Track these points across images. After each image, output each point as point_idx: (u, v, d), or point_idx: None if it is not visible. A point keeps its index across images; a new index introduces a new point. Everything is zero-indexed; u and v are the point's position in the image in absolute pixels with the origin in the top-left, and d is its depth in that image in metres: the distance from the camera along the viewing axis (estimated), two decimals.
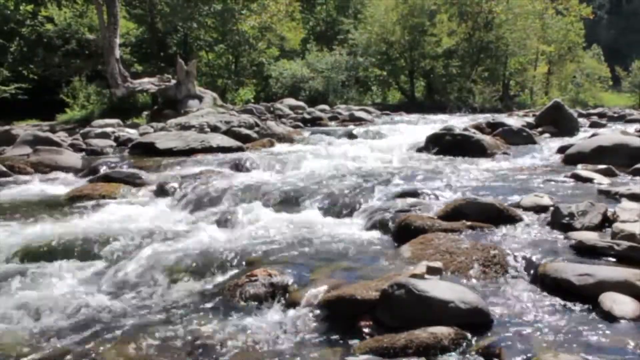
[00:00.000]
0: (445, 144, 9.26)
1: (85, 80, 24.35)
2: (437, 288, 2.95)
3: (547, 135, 11.44)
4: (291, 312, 3.27)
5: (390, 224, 4.79)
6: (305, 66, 32.86)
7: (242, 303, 3.46)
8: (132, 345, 2.99)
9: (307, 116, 18.31)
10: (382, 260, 3.99)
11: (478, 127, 11.46)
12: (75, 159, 10.03)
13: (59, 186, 7.93)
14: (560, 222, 4.32)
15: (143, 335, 3.08)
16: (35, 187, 7.98)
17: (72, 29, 26.41)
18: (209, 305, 3.51)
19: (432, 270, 3.25)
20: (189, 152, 10.29)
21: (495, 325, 2.89)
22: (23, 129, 16.03)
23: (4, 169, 8.92)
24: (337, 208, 5.59)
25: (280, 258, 4.11)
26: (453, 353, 2.65)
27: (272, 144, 11.44)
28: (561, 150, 8.52)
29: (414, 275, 3.13)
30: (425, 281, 3.04)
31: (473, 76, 35.26)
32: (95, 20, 25.01)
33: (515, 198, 5.26)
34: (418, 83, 36.98)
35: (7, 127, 17.22)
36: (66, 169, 9.33)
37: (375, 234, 4.74)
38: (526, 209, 4.88)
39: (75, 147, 11.92)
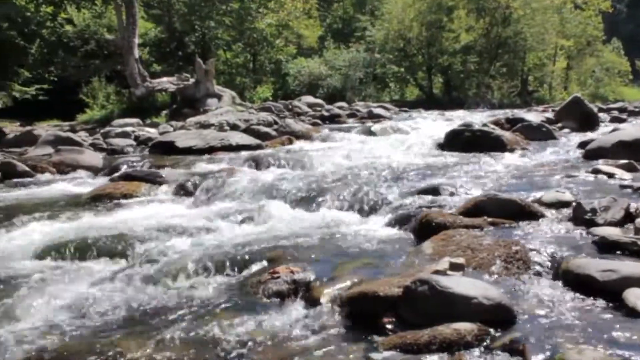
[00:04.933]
0: (464, 140, 9.21)
1: (104, 81, 24.53)
2: (460, 284, 2.94)
3: (567, 130, 11.35)
4: (313, 309, 3.28)
5: (411, 220, 4.78)
6: (323, 64, 32.85)
7: (265, 300, 3.48)
8: (156, 340, 3.01)
9: (325, 113, 18.29)
10: (403, 256, 3.99)
11: (497, 123, 11.40)
12: (96, 158, 10.12)
13: (81, 185, 8.03)
14: (582, 217, 4.30)
15: (166, 331, 3.11)
16: (57, 186, 8.07)
17: (91, 30, 26.61)
18: (231, 302, 3.52)
19: (454, 267, 3.25)
20: (209, 150, 10.34)
21: (518, 321, 2.88)
22: (44, 129, 16.21)
23: (27, 168, 9.03)
24: (358, 205, 5.60)
25: (301, 255, 4.13)
26: (476, 349, 2.65)
27: (291, 142, 11.45)
28: (582, 145, 8.45)
29: (437, 272, 3.14)
30: (448, 277, 3.04)
31: (491, 72, 35.07)
32: (113, 21, 25.18)
33: (536, 194, 5.22)
34: (436, 79, 36.85)
35: (29, 128, 17.44)
36: (87, 169, 9.43)
37: (396, 231, 4.74)
38: (547, 205, 4.84)
39: (96, 147, 12.04)
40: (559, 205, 4.80)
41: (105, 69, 26.20)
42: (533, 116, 12.79)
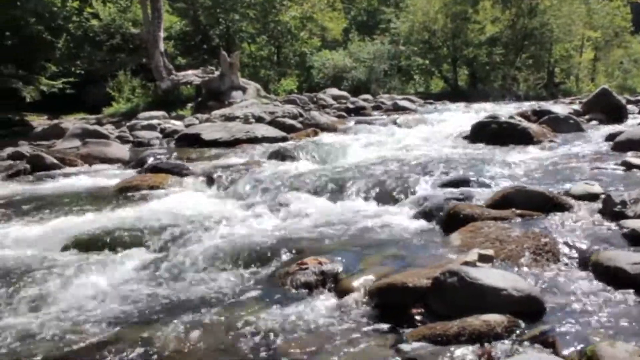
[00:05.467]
0: (490, 133, 9.14)
1: (130, 74, 24.66)
2: (490, 276, 2.93)
3: (594, 122, 11.20)
4: (342, 300, 3.29)
5: (438, 212, 4.76)
6: (347, 56, 32.74)
7: (293, 291, 3.50)
8: (183, 331, 3.04)
9: (350, 106, 18.22)
10: (431, 248, 3.99)
11: (523, 115, 11.28)
12: (123, 151, 10.21)
13: (109, 177, 8.09)
14: (611, 210, 4.25)
15: (195, 322, 3.14)
16: (85, 178, 8.15)
17: (116, 24, 26.75)
18: (259, 293, 3.54)
19: (483, 258, 3.24)
20: (234, 142, 10.36)
21: (548, 313, 2.86)
22: (71, 122, 16.35)
23: (55, 161, 9.12)
24: (384, 197, 5.59)
25: (329, 246, 4.14)
26: (506, 341, 2.64)
27: (316, 134, 11.43)
28: (610, 137, 8.35)
29: (466, 263, 3.13)
30: (477, 269, 3.03)
31: (517, 64, 34.69)
32: (138, 15, 25.29)
33: (565, 186, 5.18)
34: (461, 71, 36.54)
35: (56, 121, 17.62)
36: (114, 161, 9.52)
37: (423, 223, 4.73)
38: (576, 197, 4.80)
39: (122, 140, 12.13)
40: (587, 197, 4.76)
41: (131, 62, 26.33)
42: (560, 108, 12.65)
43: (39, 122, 20.68)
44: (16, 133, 16.82)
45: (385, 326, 2.96)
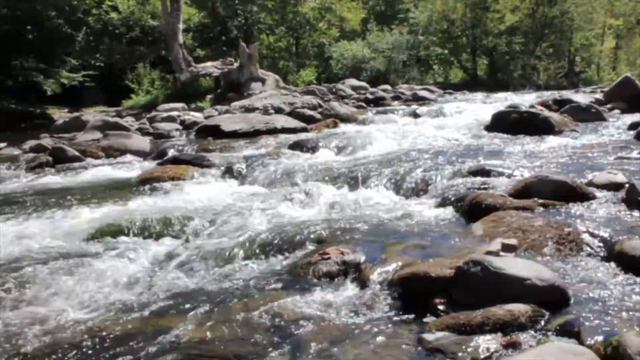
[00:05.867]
0: (511, 122, 9.08)
1: (149, 67, 24.79)
2: (513, 265, 2.92)
3: (617, 111, 11.09)
4: (364, 290, 3.29)
5: (460, 202, 4.75)
6: (366, 46, 32.67)
7: (315, 280, 3.50)
8: (205, 320, 3.06)
9: (369, 96, 18.19)
10: (453, 238, 3.97)
11: (544, 105, 11.20)
12: (143, 142, 10.26)
13: (130, 169, 8.15)
14: (635, 199, 4.21)
15: (216, 311, 3.16)
16: (106, 170, 8.21)
17: (135, 17, 26.86)
18: (281, 282, 3.55)
19: (507, 248, 3.22)
20: (254, 133, 10.38)
21: (572, 303, 2.84)
22: (92, 115, 16.45)
23: (77, 153, 9.18)
24: (405, 187, 5.58)
25: (350, 236, 4.14)
26: (531, 331, 2.63)
27: (336, 125, 11.42)
28: (633, 126, 8.27)
29: (489, 253, 3.11)
30: (500, 258, 3.01)
31: (537, 53, 34.40)
32: (157, 7, 25.39)
33: (587, 175, 5.14)
34: (480, 61, 36.28)
35: (76, 114, 17.75)
36: (135, 153, 9.56)
37: (445, 212, 4.72)
38: (599, 186, 4.76)
39: (142, 131, 12.19)
40: (611, 186, 4.72)
41: (150, 55, 26.48)
42: (581, 97, 12.54)
43: (60, 115, 20.85)
44: (37, 126, 16.98)
45: (407, 316, 2.96)
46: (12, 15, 20.26)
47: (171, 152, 8.63)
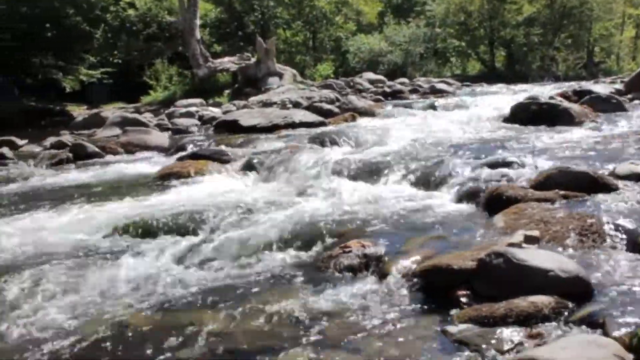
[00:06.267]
0: (530, 114, 9.02)
1: (166, 63, 24.89)
2: (536, 257, 2.90)
3: (637, 102, 10.95)
4: (386, 283, 3.29)
5: (479, 194, 4.73)
6: (383, 40, 32.60)
7: (337, 274, 3.51)
8: (228, 314, 3.08)
9: (387, 90, 18.15)
10: (474, 230, 3.96)
11: (564, 96, 11.10)
12: (162, 138, 10.31)
13: (149, 165, 8.19)
14: None
15: (239, 306, 3.17)
16: (126, 166, 8.27)
17: (152, 13, 26.93)
18: (303, 276, 3.56)
19: (529, 239, 3.21)
20: (272, 128, 10.38)
21: (596, 294, 2.82)
22: (110, 111, 16.55)
23: (97, 149, 9.26)
24: (425, 180, 5.56)
25: (371, 229, 4.14)
26: (554, 322, 2.62)
27: (354, 118, 11.39)
28: None
29: (511, 244, 3.10)
30: (523, 250, 3.00)
31: (555, 44, 34.15)
32: (174, 3, 25.45)
33: (609, 166, 5.09)
34: (498, 53, 36.08)
35: (95, 111, 17.86)
36: (154, 148, 9.63)
37: (465, 205, 4.71)
38: (621, 177, 4.71)
39: (161, 127, 12.24)
40: (633, 177, 4.67)
41: (167, 51, 26.57)
42: (601, 88, 12.42)
43: (79, 112, 20.99)
44: (57, 123, 17.11)
45: (430, 308, 2.96)
46: (31, 13, 20.41)
47: (190, 148, 8.66)
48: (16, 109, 18.12)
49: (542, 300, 2.68)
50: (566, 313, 2.67)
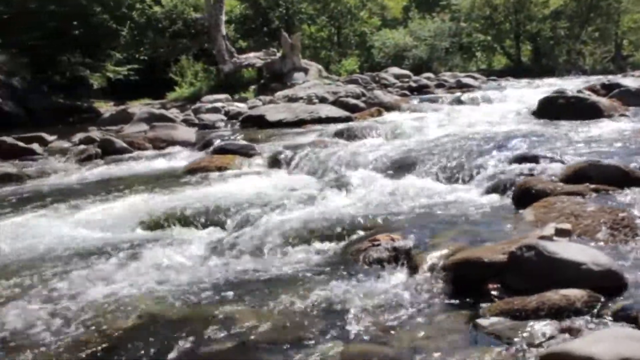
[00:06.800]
0: (558, 108, 8.95)
1: (192, 59, 24.99)
2: (568, 250, 2.88)
3: None
4: (416, 276, 3.29)
5: (508, 188, 4.72)
6: (408, 35, 32.47)
7: (366, 267, 3.51)
8: (257, 306, 3.10)
9: (413, 84, 18.12)
10: (503, 224, 3.94)
11: (592, 90, 10.99)
12: (189, 133, 10.38)
13: (176, 160, 8.28)
14: None
15: (268, 298, 3.18)
16: (154, 161, 8.37)
17: (178, 10, 27.04)
18: (332, 269, 3.57)
19: (560, 232, 3.18)
20: (299, 123, 10.43)
21: (629, 288, 2.79)
22: (137, 108, 16.68)
23: (125, 145, 9.36)
24: (453, 173, 5.54)
25: (399, 223, 4.14)
26: (587, 316, 2.59)
27: (380, 113, 11.39)
28: None
29: (543, 237, 3.08)
30: (555, 243, 2.98)
31: (583, 37, 33.78)
32: (199, 0, 25.55)
33: None
34: (524, 47, 35.78)
35: (123, 107, 18.00)
36: (181, 144, 9.69)
37: (494, 199, 4.69)
38: None
39: (188, 123, 12.34)
40: None
41: (193, 47, 26.68)
42: (630, 81, 12.24)
43: (106, 108, 21.16)
44: (85, 119, 17.29)
45: (460, 301, 2.95)
46: (59, 11, 20.59)
47: (217, 142, 8.70)
48: (45, 105, 18.30)
49: (575, 293, 2.66)
50: (599, 307, 2.64)
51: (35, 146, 9.60)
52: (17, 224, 5.01)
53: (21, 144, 9.53)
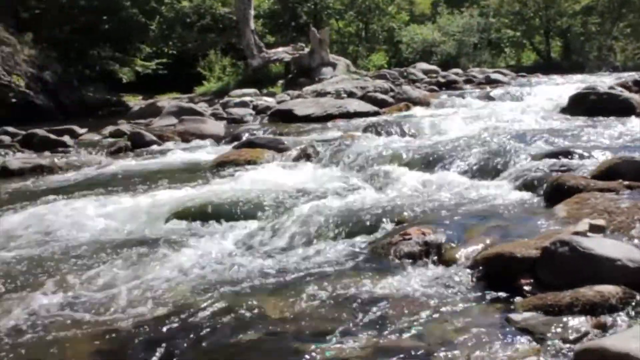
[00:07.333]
0: (589, 104, 8.86)
1: (220, 54, 25.12)
2: (603, 246, 2.85)
3: None
4: (447, 270, 3.28)
5: (540, 184, 4.68)
6: (436, 30, 32.30)
7: (397, 261, 3.50)
8: (288, 298, 3.11)
9: (441, 80, 18.00)
10: (535, 220, 3.90)
11: (624, 86, 10.86)
12: (218, 127, 10.43)
13: (206, 153, 8.32)
14: None
15: (298, 290, 3.19)
16: (183, 154, 8.41)
17: (206, 5, 27.23)
18: (362, 262, 3.57)
19: (594, 228, 3.15)
20: (327, 117, 10.43)
21: None
22: (166, 101, 16.81)
23: (154, 138, 9.44)
24: (483, 169, 5.51)
25: (430, 217, 4.12)
26: (621, 313, 2.56)
27: (408, 108, 11.35)
28: None
29: (576, 233, 3.05)
30: (589, 239, 2.95)
31: (614, 33, 33.34)
32: None
33: None
34: (554, 43, 35.40)
35: (151, 101, 18.15)
36: (210, 137, 9.75)
37: (525, 195, 4.65)
38: None
39: (216, 116, 12.40)
40: None
41: (221, 42, 26.84)
42: None
43: (135, 102, 21.35)
44: (114, 113, 17.46)
45: (492, 296, 2.93)
46: (89, 6, 20.85)
47: (245, 136, 8.74)
48: (75, 99, 18.53)
49: (609, 289, 2.63)
50: (634, 303, 2.61)
51: (66, 138, 9.72)
52: (48, 215, 5.06)
53: (53, 136, 9.66)
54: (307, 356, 2.51)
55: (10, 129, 10.76)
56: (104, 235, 4.50)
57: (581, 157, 5.40)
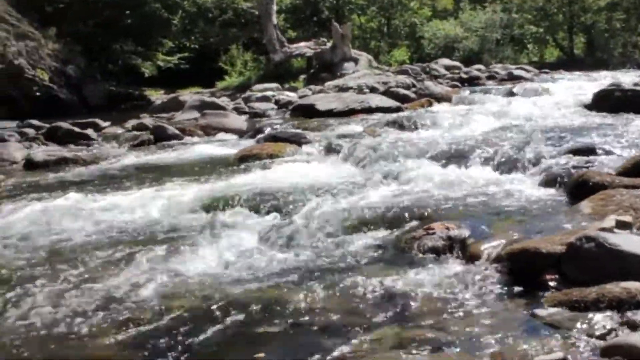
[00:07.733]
0: (614, 101, 8.76)
1: (241, 48, 25.15)
2: (630, 242, 2.84)
3: None
4: (471, 265, 3.28)
5: (565, 180, 4.65)
6: (459, 26, 32.11)
7: (420, 255, 3.50)
8: (312, 291, 3.12)
9: (463, 76, 17.93)
10: (559, 215, 3.89)
11: None
12: (240, 121, 10.47)
13: (228, 147, 8.33)
14: None
15: (322, 284, 3.20)
16: (205, 148, 8.43)
17: (228, 0, 27.27)
18: (386, 257, 3.59)
19: (621, 225, 3.12)
20: (349, 112, 10.42)
21: None
22: (188, 96, 16.87)
23: (177, 131, 9.47)
24: (507, 165, 5.48)
25: (453, 212, 4.12)
26: None
27: (430, 104, 11.31)
28: None
29: (603, 229, 3.03)
30: (616, 235, 2.93)
31: (639, 29, 32.99)
32: None
33: None
34: (577, 39, 35.07)
35: (174, 95, 18.23)
36: (232, 131, 9.78)
37: (549, 191, 4.63)
38: None
39: (238, 111, 12.43)
40: None
41: (243, 37, 26.85)
42: None
43: (157, 96, 21.45)
44: (136, 107, 17.54)
45: (517, 291, 2.94)
46: (112, 1, 20.94)
47: (268, 130, 8.74)
48: (98, 93, 18.63)
49: (636, 286, 2.61)
50: None
51: (89, 132, 9.80)
52: (73, 206, 5.11)
53: (76, 129, 9.73)
54: (331, 348, 2.52)
55: (35, 122, 10.86)
56: (128, 227, 4.54)
57: (606, 153, 5.37)
